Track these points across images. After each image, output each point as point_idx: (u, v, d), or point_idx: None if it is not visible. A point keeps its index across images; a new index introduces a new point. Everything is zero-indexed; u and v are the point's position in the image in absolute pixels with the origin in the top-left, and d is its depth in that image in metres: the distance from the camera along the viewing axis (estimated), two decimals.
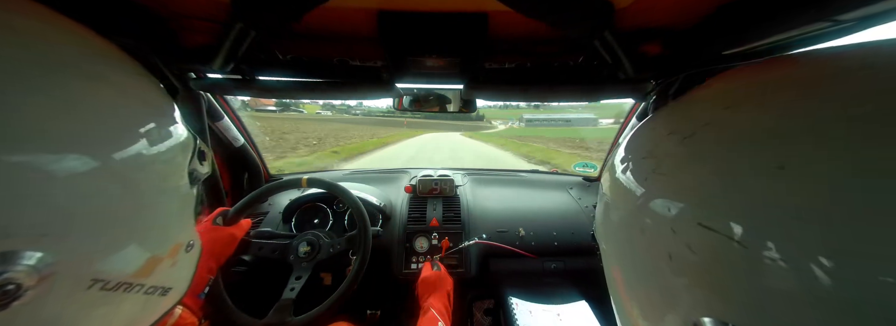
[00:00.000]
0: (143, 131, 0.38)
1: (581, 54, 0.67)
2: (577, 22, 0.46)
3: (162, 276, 0.44)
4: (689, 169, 0.35)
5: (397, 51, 0.62)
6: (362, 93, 0.72)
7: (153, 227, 0.41)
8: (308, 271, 0.95)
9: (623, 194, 0.43)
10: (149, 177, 0.39)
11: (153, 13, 0.54)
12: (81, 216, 0.31)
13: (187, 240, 0.50)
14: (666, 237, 0.33)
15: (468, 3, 0.49)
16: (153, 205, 0.40)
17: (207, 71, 0.72)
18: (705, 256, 0.29)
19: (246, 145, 1.29)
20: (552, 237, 1.21)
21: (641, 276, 0.39)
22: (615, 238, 0.46)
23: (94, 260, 0.33)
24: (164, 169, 0.42)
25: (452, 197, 1.35)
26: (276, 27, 0.52)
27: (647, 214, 0.37)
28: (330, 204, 1.29)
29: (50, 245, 0.29)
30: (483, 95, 0.76)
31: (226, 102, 1.17)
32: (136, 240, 0.38)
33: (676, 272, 0.32)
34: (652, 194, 0.37)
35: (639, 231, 0.38)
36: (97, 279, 0.34)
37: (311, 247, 0.97)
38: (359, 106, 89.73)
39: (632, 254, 0.41)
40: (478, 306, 1.41)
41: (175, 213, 0.46)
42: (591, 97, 0.71)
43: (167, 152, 0.42)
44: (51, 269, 0.29)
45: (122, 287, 0.37)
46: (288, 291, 0.90)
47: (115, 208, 0.35)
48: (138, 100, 0.40)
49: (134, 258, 0.38)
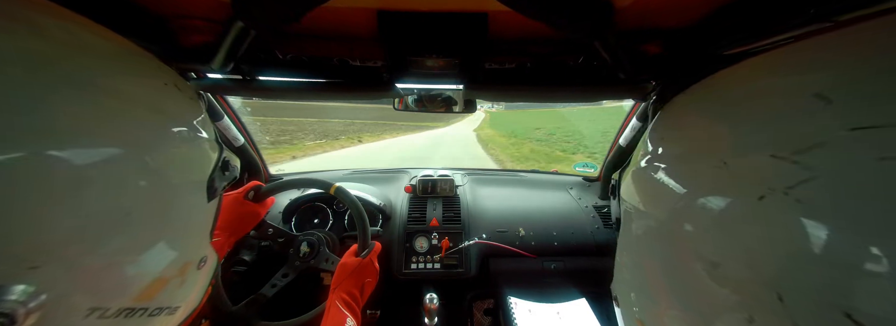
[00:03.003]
0: (161, 139, 0.36)
1: (581, 54, 0.67)
2: (577, 22, 0.46)
3: (168, 297, 0.41)
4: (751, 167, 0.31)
5: (397, 51, 0.62)
6: (362, 93, 0.72)
7: (160, 249, 0.38)
8: (296, 272, 0.95)
9: (653, 201, 0.40)
10: (156, 197, 0.35)
11: (153, 13, 0.53)
12: (76, 243, 0.29)
13: (200, 257, 0.47)
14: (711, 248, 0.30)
15: (468, 3, 0.49)
16: (161, 227, 0.37)
17: (207, 71, 0.72)
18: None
19: (246, 144, 1.29)
20: (552, 237, 1.21)
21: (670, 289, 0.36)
22: (635, 249, 0.43)
23: (91, 289, 0.31)
24: (176, 186, 0.39)
25: (452, 197, 1.35)
26: (276, 27, 0.52)
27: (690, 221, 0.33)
28: (330, 204, 1.29)
29: (41, 277, 0.27)
30: (483, 96, 0.76)
31: (226, 102, 1.17)
32: (140, 265, 0.36)
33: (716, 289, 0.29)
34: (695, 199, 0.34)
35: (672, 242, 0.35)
36: (95, 308, 0.32)
37: (311, 249, 0.97)
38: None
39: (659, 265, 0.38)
40: (478, 306, 1.41)
41: (188, 230, 0.43)
42: (591, 98, 0.71)
43: (184, 159, 0.39)
44: (43, 301, 0.27)
45: (123, 313, 0.34)
46: (267, 287, 0.89)
47: (116, 231, 0.32)
48: (155, 111, 0.37)
49: (136, 282, 0.36)
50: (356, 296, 0.80)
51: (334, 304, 0.75)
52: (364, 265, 0.85)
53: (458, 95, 1.07)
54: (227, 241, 0.83)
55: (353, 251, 0.89)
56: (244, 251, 0.99)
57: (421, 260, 1.17)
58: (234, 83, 0.69)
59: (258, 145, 1.38)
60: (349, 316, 0.73)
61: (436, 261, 1.16)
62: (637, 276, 0.43)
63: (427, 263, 1.16)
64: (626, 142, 1.19)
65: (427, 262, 1.16)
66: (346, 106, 30.77)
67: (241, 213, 0.88)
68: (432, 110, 1.11)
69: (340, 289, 0.79)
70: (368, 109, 30.86)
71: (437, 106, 1.10)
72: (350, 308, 0.75)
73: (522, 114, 34.23)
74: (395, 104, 1.08)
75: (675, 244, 0.36)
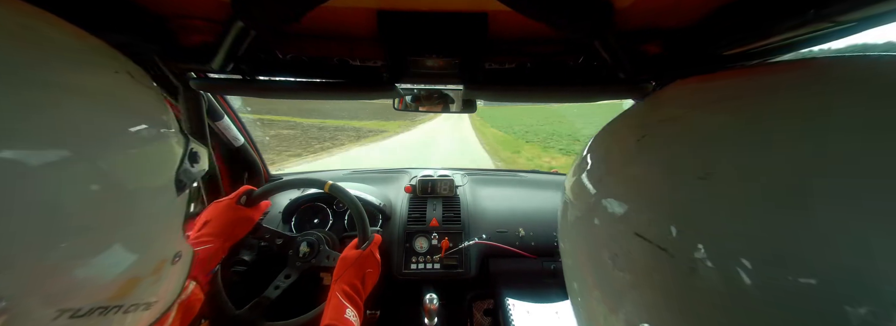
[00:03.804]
0: (114, 137, 0.34)
1: (581, 54, 0.67)
2: (577, 22, 0.46)
3: (143, 294, 0.40)
4: (632, 174, 0.35)
5: (397, 51, 0.62)
6: (362, 93, 0.72)
7: (131, 246, 0.36)
8: (299, 272, 0.95)
9: (579, 193, 0.44)
10: (123, 189, 0.34)
11: (153, 12, 0.53)
12: (45, 235, 0.27)
13: (173, 253, 0.45)
14: (611, 240, 0.34)
15: (468, 3, 0.49)
16: (130, 221, 0.35)
17: (207, 71, 0.72)
18: (641, 265, 0.29)
19: (246, 144, 1.29)
20: (552, 238, 1.21)
21: (593, 276, 0.39)
22: (570, 236, 0.47)
23: (59, 291, 0.30)
24: (141, 178, 0.37)
25: (452, 197, 1.35)
26: (276, 27, 0.52)
27: (597, 215, 0.37)
28: (330, 204, 1.29)
29: (5, 278, 0.26)
30: (483, 96, 0.76)
31: (226, 101, 1.17)
32: (111, 263, 0.34)
33: (619, 277, 0.33)
34: (600, 197, 0.37)
35: (590, 232, 0.38)
36: (65, 310, 0.30)
37: (311, 248, 0.97)
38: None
39: (584, 253, 0.41)
40: (477, 306, 1.41)
41: (158, 226, 0.41)
42: (591, 98, 0.71)
43: (144, 159, 0.37)
44: (4, 306, 0.26)
45: (96, 311, 0.33)
46: (271, 289, 0.89)
47: (82, 229, 0.30)
48: (117, 97, 0.36)
49: (108, 282, 0.34)
50: (358, 288, 0.80)
51: (335, 296, 0.75)
52: (364, 257, 0.85)
53: (457, 94, 1.07)
54: (223, 247, 0.82)
55: (354, 245, 0.90)
56: (244, 251, 0.99)
57: (421, 260, 1.17)
58: (234, 83, 0.69)
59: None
60: (349, 307, 0.73)
61: (436, 261, 1.16)
62: (573, 260, 0.46)
63: (427, 263, 1.16)
64: None
65: (427, 262, 1.16)
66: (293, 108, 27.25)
67: (234, 219, 0.88)
68: (432, 110, 1.11)
69: (342, 281, 0.79)
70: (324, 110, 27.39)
71: (436, 106, 1.10)
72: (351, 299, 0.75)
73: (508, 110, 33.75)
74: (395, 104, 1.08)
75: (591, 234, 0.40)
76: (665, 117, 0.37)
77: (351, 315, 0.72)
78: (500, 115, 29.21)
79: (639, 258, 0.30)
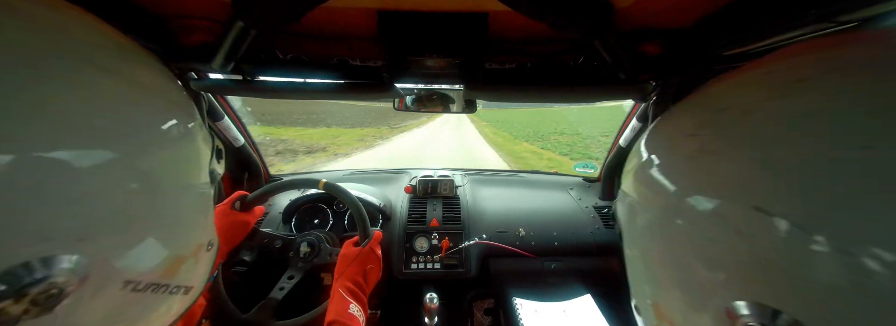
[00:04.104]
0: (167, 128, 0.38)
1: (581, 54, 0.67)
2: (577, 22, 0.46)
3: (185, 276, 0.44)
4: (735, 164, 0.32)
5: (397, 51, 0.62)
6: (362, 93, 0.72)
7: (180, 227, 0.42)
8: (302, 272, 0.95)
9: (656, 191, 0.42)
10: (175, 176, 0.39)
11: (153, 12, 0.54)
12: (114, 217, 0.31)
13: (208, 239, 0.50)
14: (711, 225, 0.32)
15: (468, 3, 0.49)
16: (179, 205, 0.41)
17: (207, 71, 0.72)
18: (757, 241, 0.28)
19: (246, 145, 1.29)
20: (552, 238, 1.21)
21: (672, 275, 0.38)
22: (643, 245, 0.45)
23: (126, 262, 0.34)
24: (188, 168, 0.42)
25: (452, 197, 1.35)
26: (276, 27, 0.52)
27: (688, 206, 0.35)
28: (330, 204, 1.29)
29: (86, 248, 0.29)
30: (483, 96, 0.76)
31: (226, 102, 1.17)
32: (164, 241, 0.39)
33: (715, 261, 0.31)
34: (694, 184, 0.35)
35: (678, 227, 0.37)
36: (129, 281, 0.34)
37: (311, 248, 0.97)
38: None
39: (668, 251, 0.39)
40: (478, 306, 1.41)
41: (198, 212, 0.46)
42: (591, 98, 0.71)
43: (191, 151, 0.42)
44: (87, 272, 0.29)
45: (150, 287, 0.37)
46: (276, 290, 0.90)
47: (144, 208, 0.35)
48: (161, 97, 0.40)
49: (162, 258, 0.39)
50: (360, 284, 0.80)
51: (338, 292, 0.75)
52: (365, 253, 0.85)
53: (457, 94, 1.07)
54: (221, 253, 0.83)
55: (354, 242, 0.90)
56: (244, 251, 0.99)
57: (421, 260, 1.17)
58: (235, 83, 0.69)
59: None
60: (353, 302, 0.73)
61: (436, 261, 1.16)
62: (646, 266, 0.45)
63: (427, 263, 1.16)
64: (626, 143, 1.19)
65: (427, 262, 1.16)
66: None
67: (229, 224, 0.88)
68: (432, 110, 1.11)
69: (344, 278, 0.79)
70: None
71: (436, 106, 1.10)
72: (354, 295, 0.76)
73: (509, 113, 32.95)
74: (395, 104, 1.08)
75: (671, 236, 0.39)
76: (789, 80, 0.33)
77: (355, 310, 0.72)
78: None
79: (756, 235, 0.27)
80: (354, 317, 0.71)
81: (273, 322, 0.82)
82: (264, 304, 0.86)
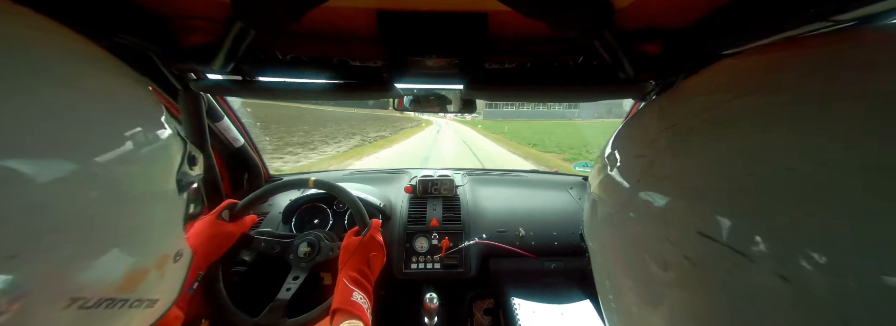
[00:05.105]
0: (127, 135, 0.36)
1: (581, 54, 0.67)
2: (576, 22, 0.46)
3: (148, 289, 0.41)
4: (686, 168, 0.31)
5: (397, 51, 0.62)
6: (362, 93, 0.72)
7: (137, 238, 0.38)
8: (306, 272, 0.95)
9: (613, 193, 0.42)
10: (131, 185, 0.36)
11: (153, 13, 0.53)
12: (56, 231, 0.29)
13: (175, 250, 0.47)
14: (655, 240, 0.32)
15: (468, 3, 0.49)
16: (136, 215, 0.37)
17: (207, 71, 0.72)
18: (704, 266, 0.27)
19: (246, 145, 1.29)
20: (552, 237, 1.21)
21: (628, 274, 0.38)
22: (602, 238, 0.45)
23: (71, 278, 0.31)
24: (151, 175, 0.39)
25: (452, 197, 1.35)
26: (276, 27, 0.52)
27: (635, 212, 0.35)
28: (330, 204, 1.29)
29: (21, 266, 0.27)
30: (483, 96, 0.76)
31: (226, 102, 1.17)
32: (119, 254, 0.36)
33: (667, 279, 0.31)
34: (644, 196, 0.35)
35: (628, 233, 0.37)
36: (76, 298, 0.31)
37: (311, 248, 0.97)
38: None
39: (618, 251, 0.40)
40: (478, 306, 1.41)
41: (161, 222, 0.43)
42: (591, 97, 0.71)
43: (153, 157, 0.39)
44: (23, 291, 0.27)
45: (103, 303, 0.34)
46: (283, 291, 0.89)
47: (93, 219, 0.32)
48: (118, 102, 0.37)
49: (116, 272, 0.36)
50: (365, 272, 0.80)
51: (342, 282, 0.75)
52: (366, 242, 0.85)
53: (457, 95, 1.07)
54: (199, 265, 0.80)
55: (354, 233, 0.90)
56: (244, 251, 0.99)
57: (421, 260, 1.17)
58: (235, 84, 0.69)
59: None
60: (356, 290, 0.73)
61: (436, 261, 1.16)
62: (605, 259, 0.45)
63: (427, 263, 1.16)
64: None
65: (427, 262, 1.16)
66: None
67: (213, 235, 0.85)
68: (431, 110, 1.11)
69: (347, 268, 0.79)
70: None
71: (435, 106, 1.10)
72: (358, 284, 0.76)
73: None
74: (394, 104, 1.08)
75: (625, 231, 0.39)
76: (727, 99, 0.32)
77: (359, 297, 0.72)
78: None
79: (700, 260, 0.27)
80: (358, 305, 0.71)
81: (285, 320, 0.83)
82: (275, 306, 0.86)
